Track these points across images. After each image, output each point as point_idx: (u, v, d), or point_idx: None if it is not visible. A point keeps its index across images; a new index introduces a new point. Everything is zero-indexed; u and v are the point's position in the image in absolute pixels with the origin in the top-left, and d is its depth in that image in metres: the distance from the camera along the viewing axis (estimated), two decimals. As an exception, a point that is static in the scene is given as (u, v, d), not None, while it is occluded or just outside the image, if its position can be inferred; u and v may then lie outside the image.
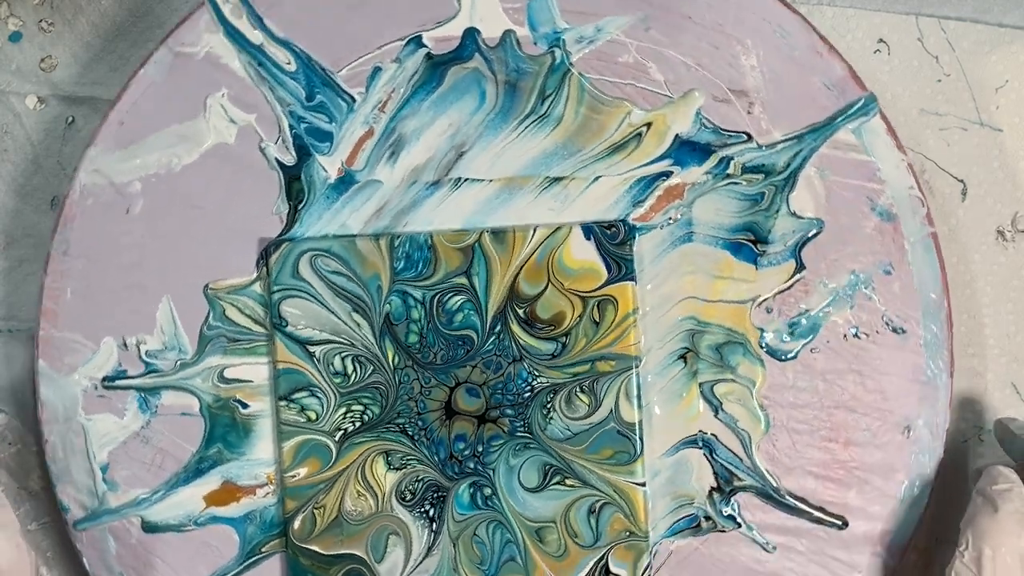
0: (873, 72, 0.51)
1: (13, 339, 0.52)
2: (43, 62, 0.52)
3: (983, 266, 0.52)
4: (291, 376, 0.48)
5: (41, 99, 0.52)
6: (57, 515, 0.49)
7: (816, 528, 0.49)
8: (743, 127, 0.49)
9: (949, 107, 0.51)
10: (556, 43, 0.48)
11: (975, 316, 0.52)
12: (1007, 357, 0.52)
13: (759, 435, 0.49)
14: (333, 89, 0.48)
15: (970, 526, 0.44)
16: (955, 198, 0.51)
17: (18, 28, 0.52)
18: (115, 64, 0.52)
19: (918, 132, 0.51)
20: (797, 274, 0.49)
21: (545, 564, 0.48)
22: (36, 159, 0.52)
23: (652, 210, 0.49)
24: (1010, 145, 0.51)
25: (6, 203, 0.53)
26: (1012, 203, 0.51)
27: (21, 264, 0.52)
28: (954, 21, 0.50)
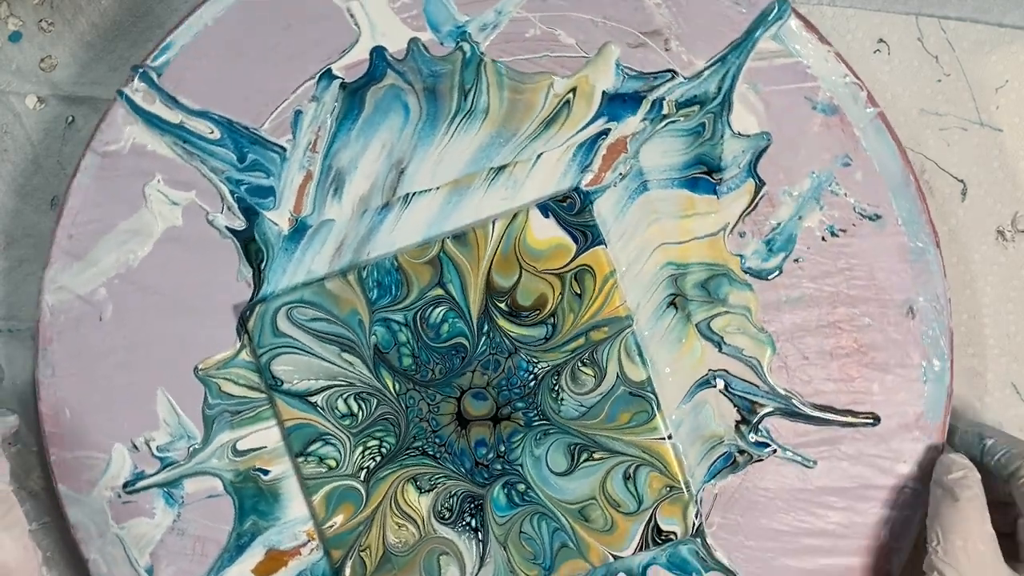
0: (873, 72, 0.51)
1: (13, 339, 0.52)
2: (43, 62, 0.52)
3: (983, 266, 0.52)
4: (301, 431, 0.48)
5: (41, 99, 0.52)
6: (57, 515, 0.49)
7: (851, 432, 0.49)
8: (665, 66, 0.48)
9: (949, 107, 0.51)
10: (461, 37, 0.48)
11: (975, 316, 0.52)
12: (1007, 357, 0.52)
13: (768, 358, 0.49)
14: (261, 144, 0.48)
15: (936, 521, 0.44)
16: (955, 198, 0.51)
17: (18, 28, 0.52)
18: (115, 64, 0.52)
19: (918, 132, 0.51)
20: (759, 192, 0.48)
21: (597, 541, 0.48)
22: (36, 159, 0.52)
23: (601, 171, 0.49)
24: (1010, 145, 0.51)
25: (6, 203, 0.53)
26: (1012, 203, 0.51)
27: (21, 264, 0.52)
28: (954, 21, 0.50)
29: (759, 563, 0.49)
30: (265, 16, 0.48)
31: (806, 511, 0.49)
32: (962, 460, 0.46)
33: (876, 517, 0.49)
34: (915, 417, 0.49)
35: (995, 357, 0.52)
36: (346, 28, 0.48)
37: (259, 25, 0.48)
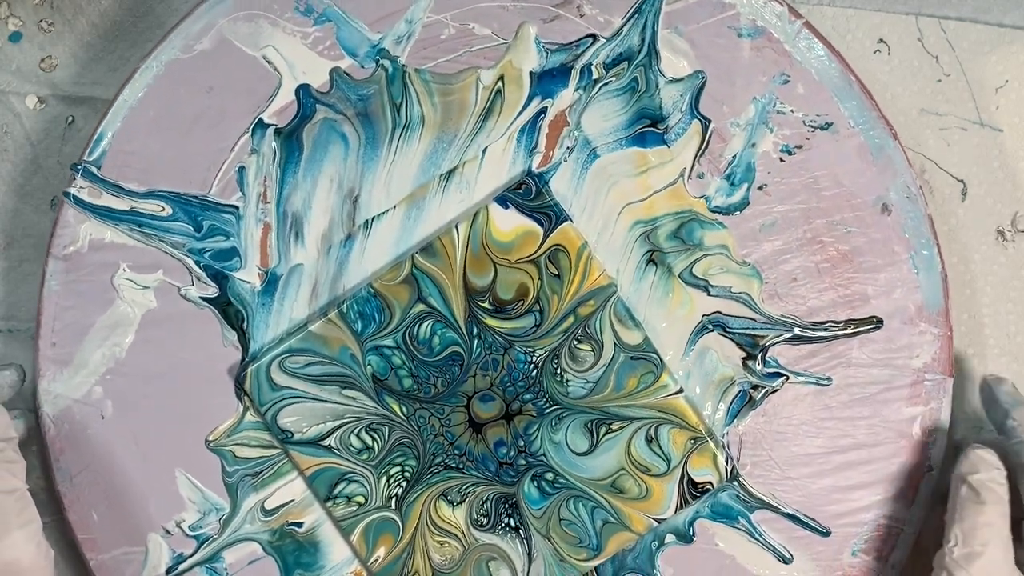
0: (873, 72, 0.51)
1: (13, 339, 0.52)
2: (43, 62, 0.52)
3: (983, 266, 0.51)
4: (323, 476, 0.48)
5: (41, 99, 0.52)
6: (57, 515, 0.49)
7: (857, 341, 0.49)
8: (584, 32, 0.48)
9: (949, 107, 0.51)
10: (380, 55, 0.48)
11: (975, 316, 0.52)
12: (1007, 357, 0.51)
13: (757, 289, 0.49)
14: (213, 209, 0.49)
15: (957, 521, 0.43)
16: (955, 198, 0.51)
17: (18, 28, 0.52)
18: (115, 64, 0.52)
19: (918, 132, 0.51)
20: (706, 130, 0.48)
21: (637, 510, 0.48)
22: (36, 159, 0.52)
23: (548, 150, 0.49)
24: (1010, 145, 0.51)
25: (6, 203, 0.53)
26: (1012, 203, 0.51)
27: (21, 264, 0.52)
28: (954, 21, 0.50)
29: (800, 491, 0.49)
30: (185, 85, 0.48)
31: (834, 429, 0.49)
32: (991, 458, 0.44)
33: (904, 416, 0.49)
34: (916, 310, 0.49)
35: (995, 357, 0.52)
36: (266, 75, 0.48)
37: (182, 94, 0.48)
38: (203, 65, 0.48)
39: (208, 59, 0.48)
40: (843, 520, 0.49)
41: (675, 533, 0.49)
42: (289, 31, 0.48)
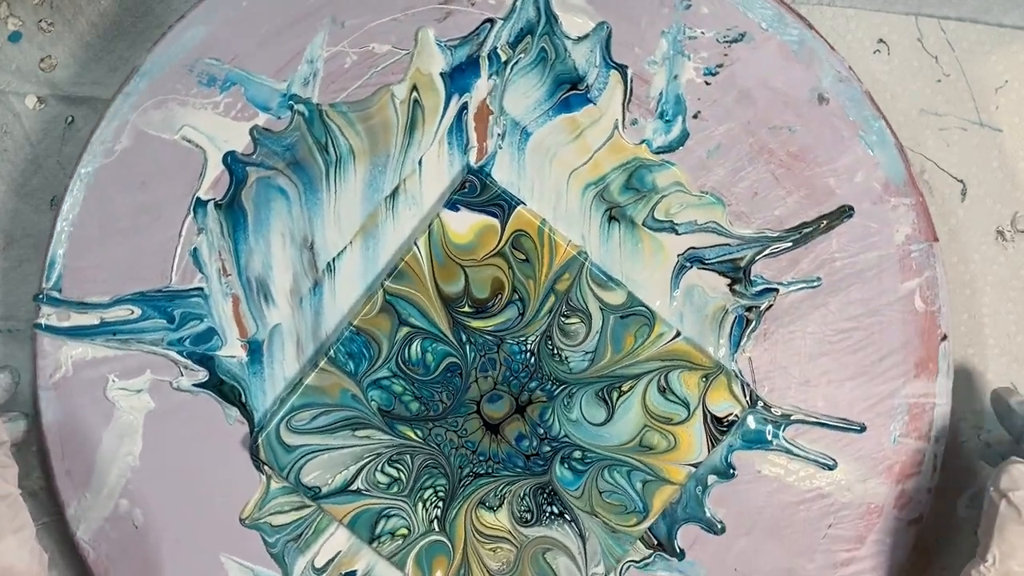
0: (873, 72, 0.51)
1: (13, 339, 0.52)
2: (43, 62, 0.52)
3: (983, 266, 0.51)
4: (362, 519, 0.49)
5: (41, 99, 0.52)
6: (57, 515, 0.49)
7: (835, 234, 0.49)
8: (480, 19, 0.48)
9: (949, 107, 0.51)
10: (291, 102, 0.48)
11: (975, 316, 0.51)
12: (1007, 357, 0.51)
13: (722, 214, 0.49)
14: (180, 297, 0.49)
15: (995, 537, 0.42)
16: (955, 198, 0.51)
17: (18, 28, 0.52)
18: (115, 64, 0.52)
19: (918, 132, 0.51)
20: (626, 76, 0.48)
21: (671, 461, 0.48)
22: (36, 159, 0.52)
23: (480, 142, 0.49)
24: (1010, 145, 0.51)
25: (6, 203, 0.53)
26: (1012, 203, 0.51)
27: (21, 264, 0.52)
28: (954, 21, 0.50)
29: (824, 397, 0.49)
30: (117, 187, 0.48)
31: (839, 327, 0.49)
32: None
33: (902, 293, 0.48)
34: (882, 186, 0.48)
35: (995, 357, 0.52)
36: (191, 154, 0.49)
37: (117, 197, 0.48)
38: (129, 163, 0.49)
39: (131, 156, 0.48)
40: (874, 412, 0.49)
41: (715, 473, 0.49)
42: (199, 106, 0.48)
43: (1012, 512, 0.42)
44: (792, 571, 0.49)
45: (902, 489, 0.49)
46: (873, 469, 0.49)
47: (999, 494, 0.43)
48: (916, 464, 0.49)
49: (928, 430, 0.49)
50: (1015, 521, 0.42)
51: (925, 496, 0.49)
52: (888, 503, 0.49)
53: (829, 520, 0.49)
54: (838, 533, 0.49)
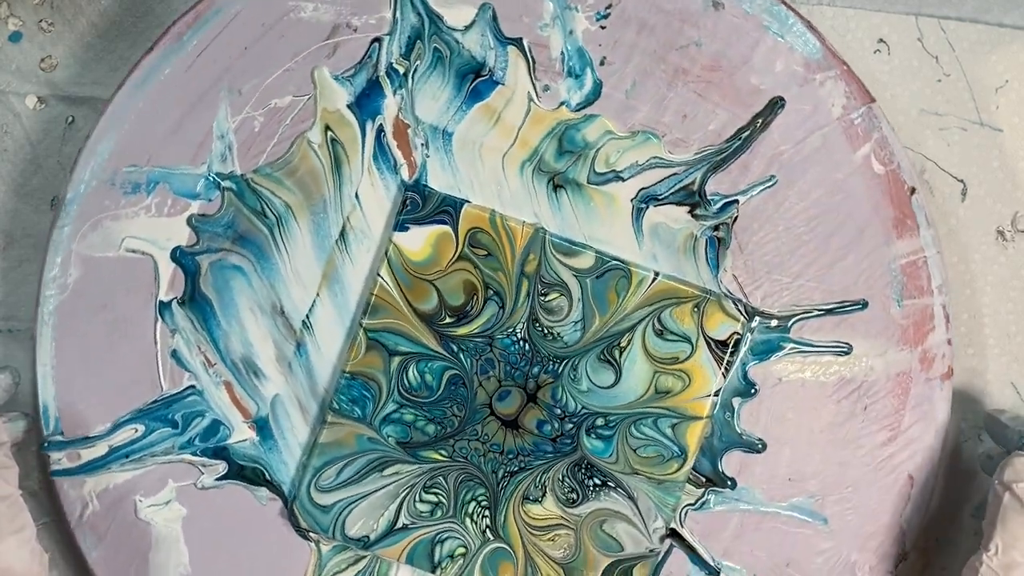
0: (873, 72, 0.51)
1: (13, 339, 0.52)
2: (43, 62, 0.52)
3: (983, 266, 0.51)
4: (418, 552, 0.49)
5: (41, 99, 0.52)
6: (57, 515, 0.49)
7: (775, 130, 0.48)
8: (367, 42, 0.48)
9: (949, 107, 0.51)
10: (216, 181, 0.49)
11: (975, 316, 0.51)
12: (1007, 357, 0.51)
13: (660, 146, 0.48)
14: (176, 401, 0.49)
15: (998, 528, 0.43)
16: (955, 198, 0.51)
17: (18, 28, 0.52)
18: (115, 64, 0.52)
19: (918, 132, 0.51)
20: (523, 48, 0.48)
21: (690, 398, 0.48)
22: (36, 159, 0.52)
23: (407, 157, 0.49)
24: (1010, 145, 0.51)
25: (6, 203, 0.53)
26: (1012, 203, 0.51)
27: (21, 264, 0.52)
28: (954, 21, 0.50)
29: (817, 287, 0.49)
30: (81, 319, 0.49)
31: (807, 214, 0.49)
32: None
33: (858, 161, 0.48)
34: (804, 67, 0.48)
35: (995, 357, 0.51)
36: (140, 262, 0.49)
37: (84, 327, 0.49)
38: (85, 291, 0.49)
39: (85, 283, 0.49)
40: (869, 285, 0.48)
41: (738, 395, 0.49)
42: (132, 215, 0.49)
43: (1015, 503, 0.43)
44: (844, 463, 0.49)
45: (923, 349, 0.48)
46: (888, 340, 0.48)
47: (1003, 487, 0.43)
48: (928, 320, 0.48)
49: (928, 284, 0.48)
50: (1018, 512, 0.43)
51: (947, 348, 0.48)
52: (914, 367, 0.49)
53: (863, 403, 0.49)
54: (875, 413, 0.49)
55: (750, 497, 0.49)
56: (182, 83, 0.48)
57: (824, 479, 0.49)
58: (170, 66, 0.48)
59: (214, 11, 0.48)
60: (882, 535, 0.49)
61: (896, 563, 0.49)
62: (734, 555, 0.49)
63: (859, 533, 0.49)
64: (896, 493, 0.49)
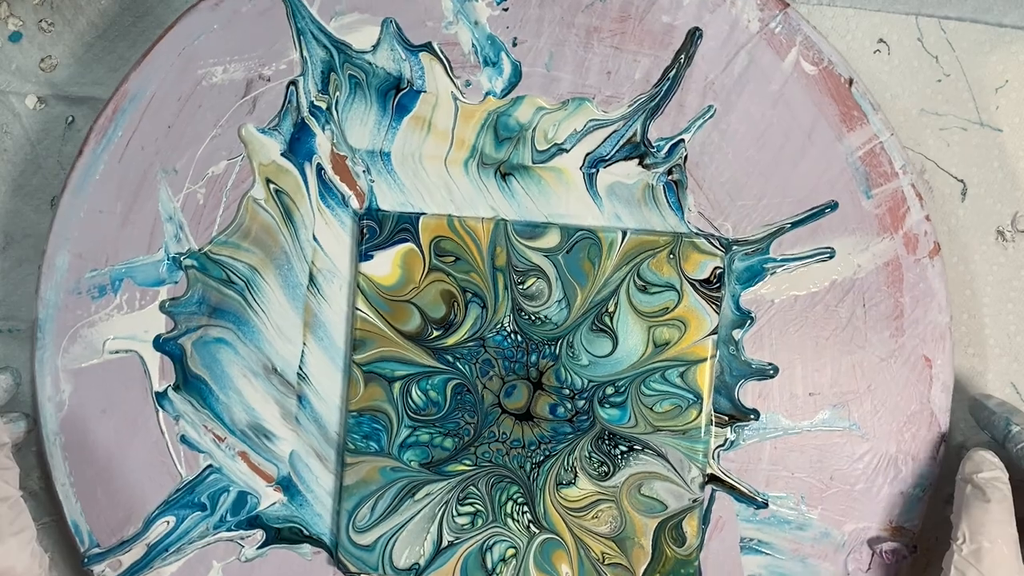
0: (873, 72, 0.51)
1: (13, 339, 0.52)
2: (43, 62, 0.52)
3: (983, 266, 0.51)
4: (469, 563, 0.49)
5: (41, 99, 0.52)
6: (57, 515, 0.49)
7: (700, 57, 0.48)
8: (283, 87, 0.49)
9: (949, 107, 0.51)
10: (176, 263, 0.49)
11: (975, 316, 0.51)
12: (1007, 357, 0.51)
13: (593, 108, 0.48)
14: (198, 484, 0.49)
15: (964, 519, 0.44)
16: (955, 198, 0.51)
17: (18, 28, 0.52)
18: (115, 64, 0.52)
19: (918, 132, 0.51)
20: (436, 52, 0.48)
21: (690, 342, 0.48)
22: (36, 159, 0.52)
23: (352, 188, 0.49)
24: (1010, 145, 0.51)
25: (6, 203, 0.53)
26: (1012, 203, 0.51)
27: (21, 264, 0.52)
28: (954, 21, 0.50)
29: (785, 204, 0.48)
30: (84, 428, 0.49)
31: (756, 137, 0.48)
32: (993, 459, 0.45)
33: (788, 67, 0.48)
34: (711, -7, 0.48)
35: (995, 357, 0.51)
36: (127, 361, 0.49)
37: (90, 437, 0.49)
38: (81, 403, 0.49)
39: (79, 396, 0.49)
40: (834, 185, 0.48)
41: (736, 327, 0.49)
42: (105, 317, 0.49)
43: (976, 492, 0.44)
44: (857, 364, 0.48)
45: (903, 233, 0.48)
46: (867, 232, 0.48)
47: (965, 480, 0.45)
48: (901, 203, 0.48)
49: (891, 167, 0.48)
50: (980, 499, 0.43)
51: (928, 225, 0.48)
52: (900, 252, 0.48)
53: (860, 301, 0.48)
54: (874, 308, 0.48)
55: (776, 423, 0.49)
56: (118, 177, 0.49)
57: (843, 386, 0.48)
58: (102, 163, 0.49)
59: (129, 99, 0.48)
60: (915, 423, 0.48)
61: (936, 448, 0.48)
62: (776, 483, 0.49)
63: (892, 428, 0.49)
64: (917, 379, 0.48)
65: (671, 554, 0.48)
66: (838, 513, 0.49)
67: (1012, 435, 0.45)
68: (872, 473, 0.49)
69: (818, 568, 0.49)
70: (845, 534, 0.49)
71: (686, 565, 0.48)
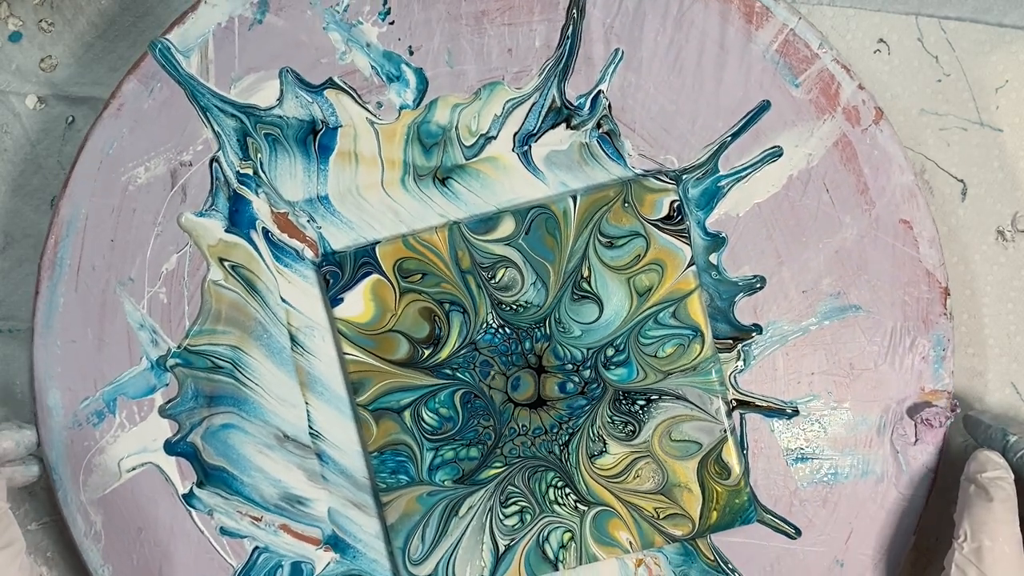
0: (873, 72, 0.51)
1: (13, 339, 0.52)
2: (43, 62, 0.52)
3: (983, 266, 0.51)
4: (531, 561, 0.49)
5: (41, 99, 0.52)
6: (57, 515, 0.49)
7: (595, 9, 0.48)
8: (206, 167, 0.49)
9: (949, 107, 0.51)
10: (161, 367, 0.49)
11: (975, 316, 0.51)
12: (1007, 357, 0.51)
13: (506, 89, 0.49)
14: (251, 569, 0.50)
15: (966, 517, 0.44)
16: (955, 198, 0.51)
17: (18, 28, 0.52)
18: (115, 64, 0.52)
19: (918, 132, 0.51)
20: (338, 87, 0.48)
21: (670, 280, 0.48)
22: (36, 159, 0.52)
23: (302, 241, 0.49)
24: (1010, 145, 0.51)
25: (6, 203, 0.53)
26: (1012, 203, 0.51)
27: (21, 264, 0.52)
28: (954, 21, 0.50)
29: (713, 121, 0.48)
30: (128, 548, 0.49)
31: (668, 63, 0.48)
32: (998, 459, 0.45)
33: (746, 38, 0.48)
34: None
35: (995, 357, 0.51)
36: (145, 474, 0.49)
37: (135, 557, 0.49)
38: (117, 528, 0.49)
39: (113, 521, 0.49)
40: (759, 84, 0.48)
41: (711, 250, 0.48)
42: (112, 440, 0.49)
43: (979, 492, 0.44)
44: (840, 249, 0.48)
45: (842, 109, 0.48)
46: (808, 120, 0.48)
47: (968, 480, 0.45)
48: (830, 81, 0.48)
49: (809, 50, 0.48)
50: (983, 498, 0.44)
51: (864, 94, 0.48)
52: (845, 128, 0.48)
53: (823, 187, 0.48)
54: (839, 191, 0.48)
55: (780, 331, 0.49)
56: (79, 304, 0.49)
57: (833, 274, 0.48)
58: (60, 297, 0.49)
59: (66, 228, 0.49)
60: (914, 286, 0.48)
61: (943, 301, 0.48)
62: (799, 388, 0.49)
63: (893, 299, 0.48)
64: (902, 243, 0.48)
65: (721, 489, 0.48)
66: (868, 397, 0.48)
67: (1011, 445, 0.46)
68: (888, 348, 0.48)
69: (867, 456, 0.48)
70: (882, 415, 0.48)
71: (738, 495, 0.48)
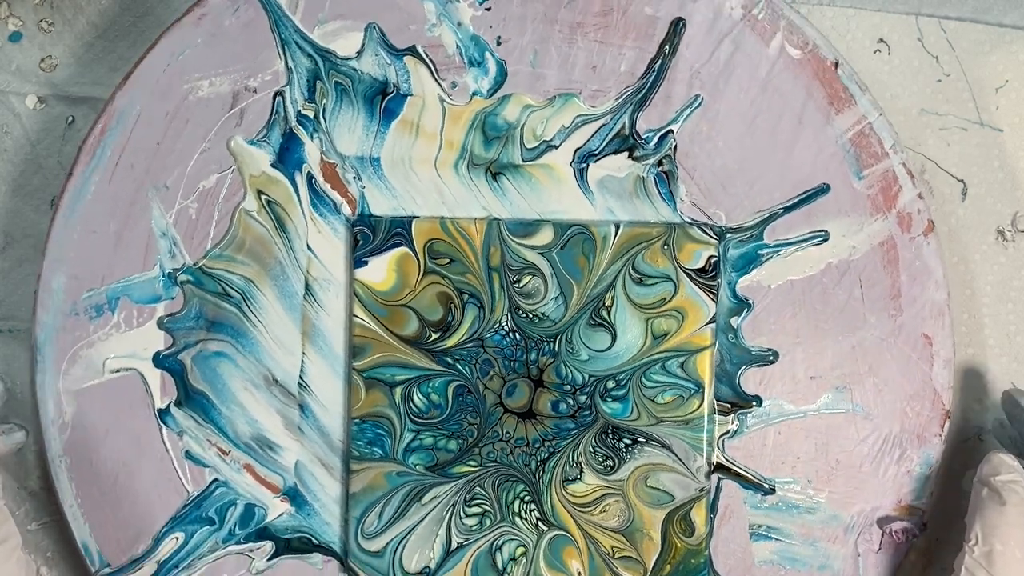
0: (873, 72, 0.51)
1: (13, 339, 0.52)
2: (43, 62, 0.52)
3: (983, 266, 0.51)
4: (480, 565, 0.49)
5: (41, 99, 0.52)
6: (57, 515, 0.49)
7: (685, 46, 0.48)
8: (269, 98, 0.49)
9: (949, 107, 0.51)
10: (172, 279, 0.49)
11: (975, 316, 0.51)
12: (1007, 357, 0.51)
13: (581, 104, 0.48)
14: (205, 498, 0.49)
15: (978, 520, 0.44)
16: (955, 198, 0.51)
17: (18, 28, 0.52)
18: (115, 64, 0.52)
19: (918, 132, 0.51)
20: (420, 55, 0.48)
21: (688, 332, 0.48)
22: (36, 159, 0.52)
23: (344, 196, 0.49)
24: (1010, 145, 0.51)
25: (6, 203, 0.52)
26: (1012, 203, 0.51)
27: (21, 264, 0.52)
28: (954, 21, 0.50)
29: (776, 187, 0.48)
30: (88, 448, 0.49)
31: (746, 123, 0.48)
32: (1012, 462, 0.45)
33: (774, 52, 0.48)
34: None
35: (995, 357, 0.51)
36: (127, 379, 0.49)
37: (95, 458, 0.49)
38: (85, 424, 0.49)
39: (83, 416, 0.49)
40: (826, 168, 0.48)
41: (734, 314, 0.49)
42: (104, 336, 0.49)
43: (992, 495, 0.44)
44: (857, 345, 0.48)
45: (896, 212, 0.48)
46: (860, 214, 0.48)
47: (981, 483, 0.45)
48: (892, 183, 0.48)
49: (881, 148, 0.48)
50: (996, 502, 0.44)
51: (921, 203, 0.48)
52: (894, 231, 0.48)
53: (857, 282, 0.48)
54: (871, 288, 0.48)
55: (779, 409, 0.49)
56: (109, 197, 0.49)
57: (844, 368, 0.48)
58: (93, 184, 0.49)
59: (116, 118, 0.48)
60: (918, 402, 0.48)
61: (942, 423, 0.48)
62: (782, 468, 0.49)
63: (895, 408, 0.49)
64: (918, 357, 0.48)
65: (681, 545, 0.48)
66: (846, 495, 0.49)
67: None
68: (877, 454, 0.49)
69: (828, 551, 0.49)
70: (854, 515, 0.49)
71: (696, 555, 0.48)
